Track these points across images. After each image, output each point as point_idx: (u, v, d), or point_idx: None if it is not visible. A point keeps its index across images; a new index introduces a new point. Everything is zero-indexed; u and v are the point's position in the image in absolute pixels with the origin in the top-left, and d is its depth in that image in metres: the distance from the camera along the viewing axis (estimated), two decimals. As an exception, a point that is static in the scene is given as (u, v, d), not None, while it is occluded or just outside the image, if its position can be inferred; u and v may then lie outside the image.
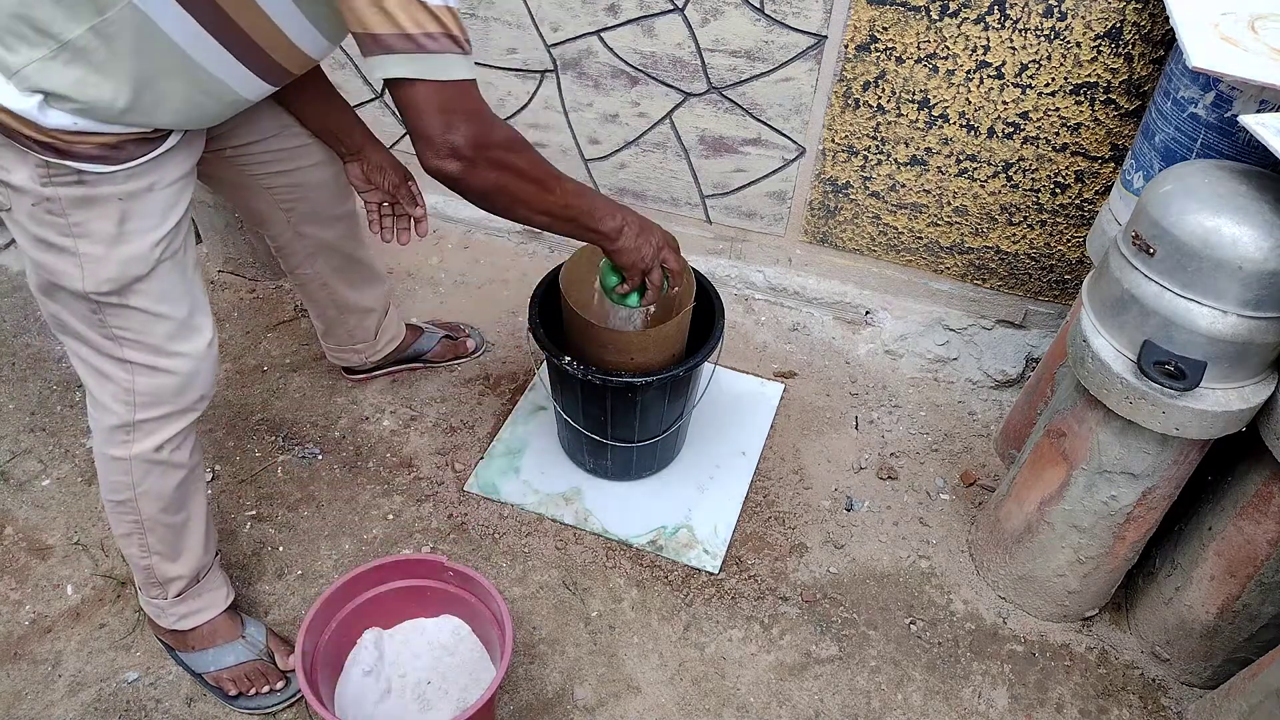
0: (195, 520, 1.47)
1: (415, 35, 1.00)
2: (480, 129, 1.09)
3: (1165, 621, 1.61)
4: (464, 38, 1.04)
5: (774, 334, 2.28)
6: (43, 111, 1.03)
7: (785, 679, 1.62)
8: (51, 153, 1.07)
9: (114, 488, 1.38)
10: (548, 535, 1.82)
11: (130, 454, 1.34)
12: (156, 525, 1.42)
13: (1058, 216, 1.96)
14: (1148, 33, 1.66)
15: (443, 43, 1.02)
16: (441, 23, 1.01)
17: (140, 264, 1.19)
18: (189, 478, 1.42)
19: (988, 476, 1.96)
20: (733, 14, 1.90)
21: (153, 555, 1.45)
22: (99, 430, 1.35)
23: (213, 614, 1.54)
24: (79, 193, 1.12)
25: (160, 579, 1.48)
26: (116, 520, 1.43)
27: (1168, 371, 1.26)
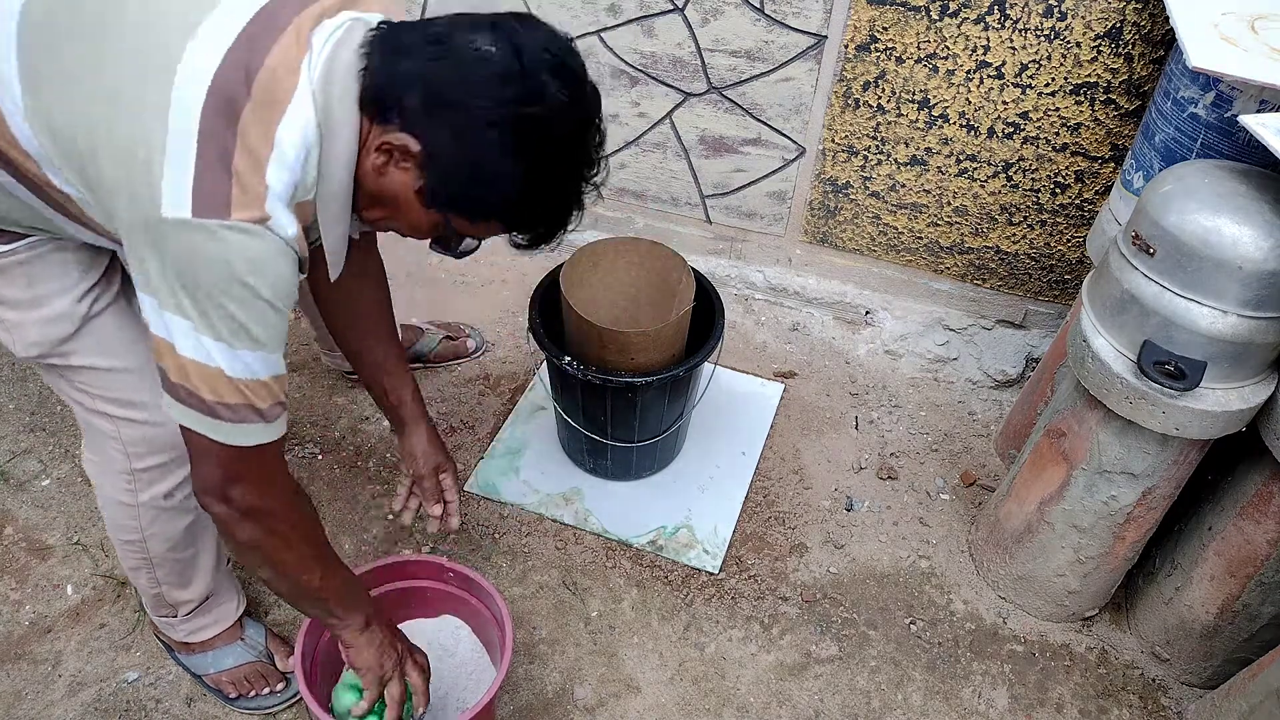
0: (205, 551, 1.44)
1: (210, 402, 0.96)
2: (260, 495, 1.07)
3: (1165, 621, 1.61)
4: (270, 405, 1.00)
5: (774, 334, 2.28)
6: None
7: (785, 679, 1.62)
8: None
9: (121, 529, 1.35)
10: (548, 535, 1.82)
11: (137, 501, 1.30)
12: (166, 561, 1.39)
13: (1058, 216, 1.96)
14: (1148, 33, 1.66)
15: (241, 413, 0.98)
16: (244, 395, 0.97)
17: (64, 323, 1.15)
18: (199, 518, 1.37)
19: (988, 476, 1.96)
20: (733, 14, 1.90)
21: (162, 586, 1.43)
22: (100, 473, 1.31)
23: (223, 627, 1.53)
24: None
25: (170, 603, 1.47)
26: (124, 554, 1.40)
27: (1168, 371, 1.26)
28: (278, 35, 0.92)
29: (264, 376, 0.98)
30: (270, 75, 0.91)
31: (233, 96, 0.89)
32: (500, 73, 0.92)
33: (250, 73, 0.90)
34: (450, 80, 0.92)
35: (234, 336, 0.94)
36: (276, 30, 0.92)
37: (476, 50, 0.93)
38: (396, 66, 0.93)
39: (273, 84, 0.91)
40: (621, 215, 2.37)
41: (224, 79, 0.89)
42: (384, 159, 0.97)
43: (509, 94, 0.92)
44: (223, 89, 0.89)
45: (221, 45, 0.90)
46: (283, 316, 0.98)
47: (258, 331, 0.95)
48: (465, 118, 0.93)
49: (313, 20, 0.95)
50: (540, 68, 0.93)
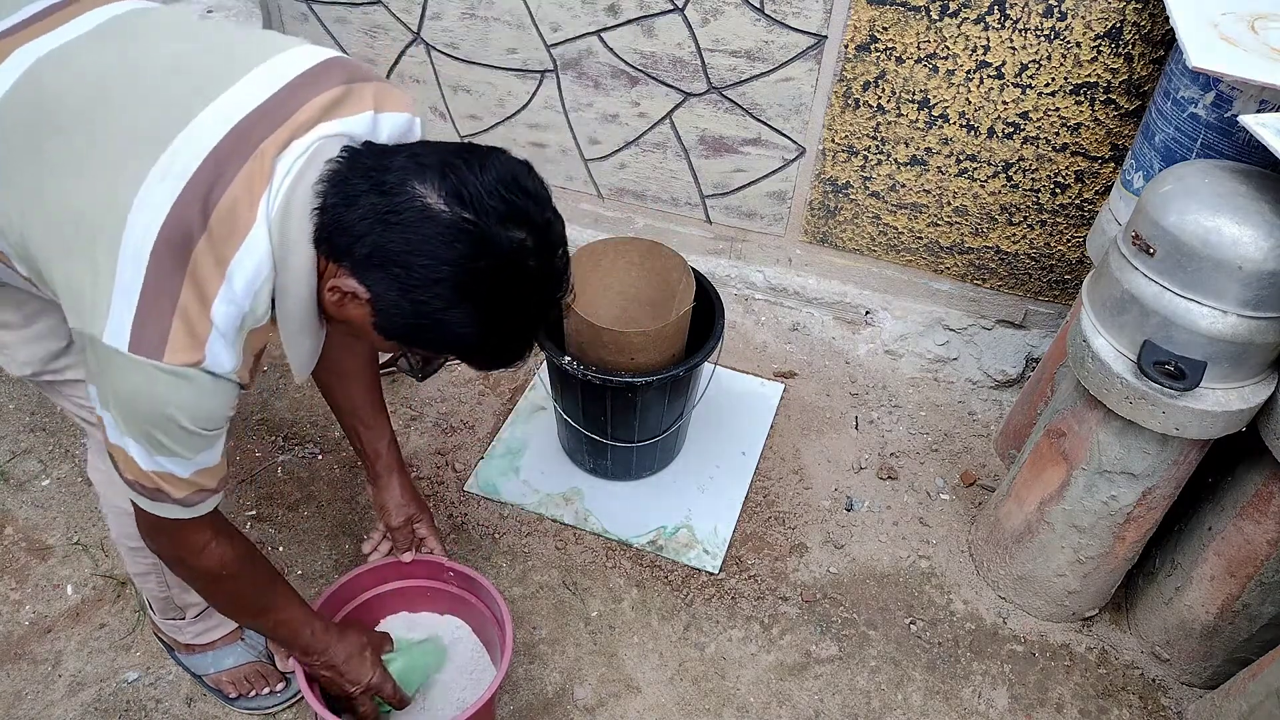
0: None
1: (129, 479, 1.01)
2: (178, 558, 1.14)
3: (1165, 621, 1.61)
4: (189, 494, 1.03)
5: (774, 334, 2.28)
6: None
7: (785, 679, 1.62)
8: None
9: (129, 536, 1.35)
10: (548, 535, 1.82)
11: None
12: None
13: (1058, 216, 1.96)
14: (1148, 33, 1.66)
15: (153, 494, 1.02)
16: (157, 483, 1.00)
17: (53, 339, 1.17)
18: None
19: (988, 476, 1.96)
20: (733, 14, 1.90)
21: (171, 589, 1.45)
22: (107, 484, 1.32)
23: (229, 629, 1.54)
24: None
25: (179, 605, 1.48)
26: (132, 561, 1.42)
27: (1168, 371, 1.26)
28: (243, 161, 0.92)
29: (183, 475, 1.01)
30: (230, 206, 0.91)
31: (187, 231, 0.89)
32: (444, 231, 0.90)
33: (209, 205, 0.90)
34: (393, 239, 0.91)
35: (154, 448, 0.97)
36: (244, 155, 0.92)
37: (421, 206, 0.90)
38: (345, 215, 0.92)
39: (232, 216, 0.91)
40: (621, 215, 2.37)
41: (180, 214, 0.89)
42: (338, 296, 0.96)
43: (453, 254, 0.90)
44: (178, 223, 0.89)
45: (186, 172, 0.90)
46: (209, 435, 1.00)
47: (178, 449, 0.98)
48: (409, 275, 0.91)
49: (279, 146, 0.93)
50: (490, 219, 0.91)
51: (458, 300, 0.92)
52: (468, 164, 0.93)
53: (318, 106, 0.97)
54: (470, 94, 2.26)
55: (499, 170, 0.93)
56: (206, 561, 1.14)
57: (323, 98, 0.98)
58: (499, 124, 2.29)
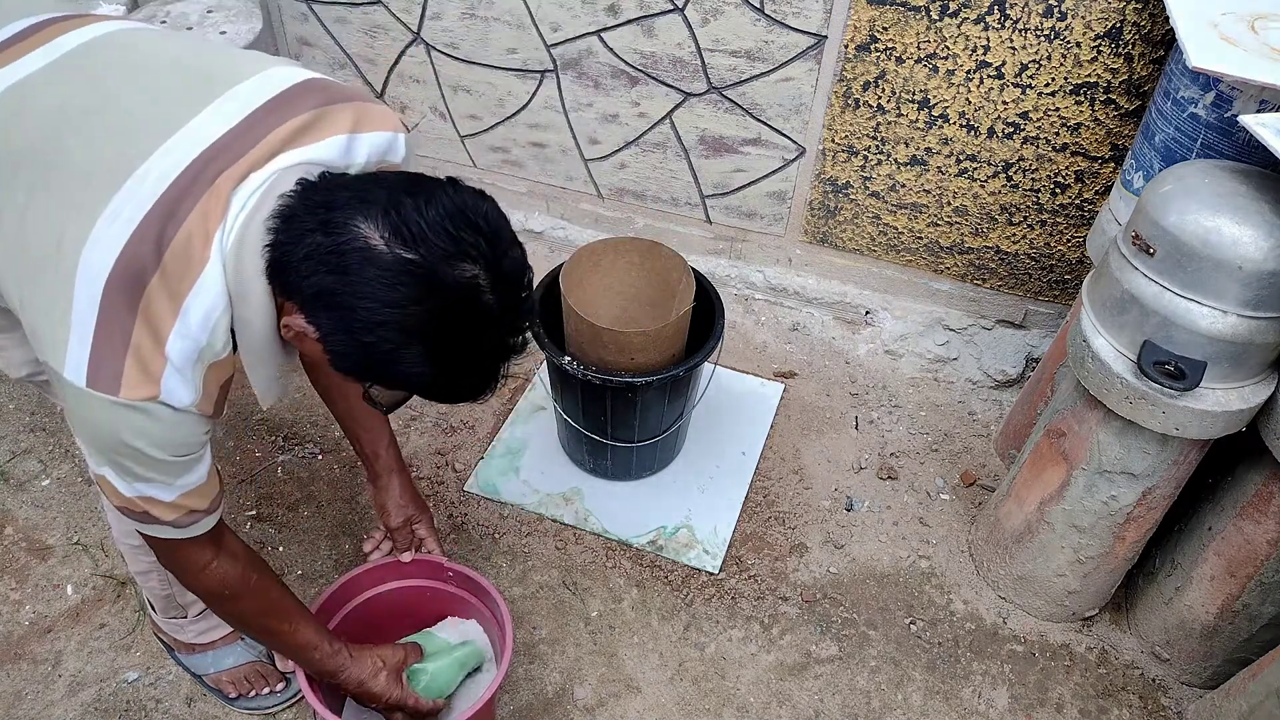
0: None
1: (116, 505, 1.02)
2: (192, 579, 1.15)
3: (1165, 621, 1.61)
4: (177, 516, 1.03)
5: (774, 334, 2.28)
6: None
7: (785, 679, 1.62)
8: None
9: (129, 535, 1.37)
10: (548, 535, 1.82)
11: None
12: None
13: (1058, 216, 1.96)
14: (1148, 33, 1.66)
15: (142, 517, 1.03)
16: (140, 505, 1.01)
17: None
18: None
19: (988, 476, 1.96)
20: (733, 14, 1.90)
21: (173, 587, 1.45)
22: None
23: (230, 629, 1.54)
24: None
25: (181, 603, 1.48)
26: (133, 560, 1.43)
27: (1168, 371, 1.26)
28: (199, 197, 0.91)
29: (167, 499, 1.01)
30: (185, 242, 0.90)
31: (140, 268, 0.89)
32: (386, 274, 0.88)
33: (163, 241, 0.90)
34: (336, 281, 0.89)
35: (129, 476, 0.98)
36: (200, 190, 0.91)
37: (363, 246, 0.88)
38: (292, 253, 0.91)
39: (186, 253, 0.90)
40: (621, 215, 2.37)
41: (133, 251, 0.89)
42: (291, 333, 0.96)
43: (396, 295, 0.88)
44: (130, 261, 0.89)
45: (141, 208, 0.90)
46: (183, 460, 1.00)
47: (154, 475, 0.99)
48: (354, 317, 0.90)
49: (236, 179, 0.92)
50: (434, 257, 0.89)
51: (405, 341, 0.90)
52: (414, 199, 0.90)
53: (283, 134, 0.96)
54: (470, 94, 2.26)
55: (446, 205, 0.90)
56: (207, 581, 1.15)
57: (290, 124, 0.97)
58: (499, 124, 2.29)
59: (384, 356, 0.92)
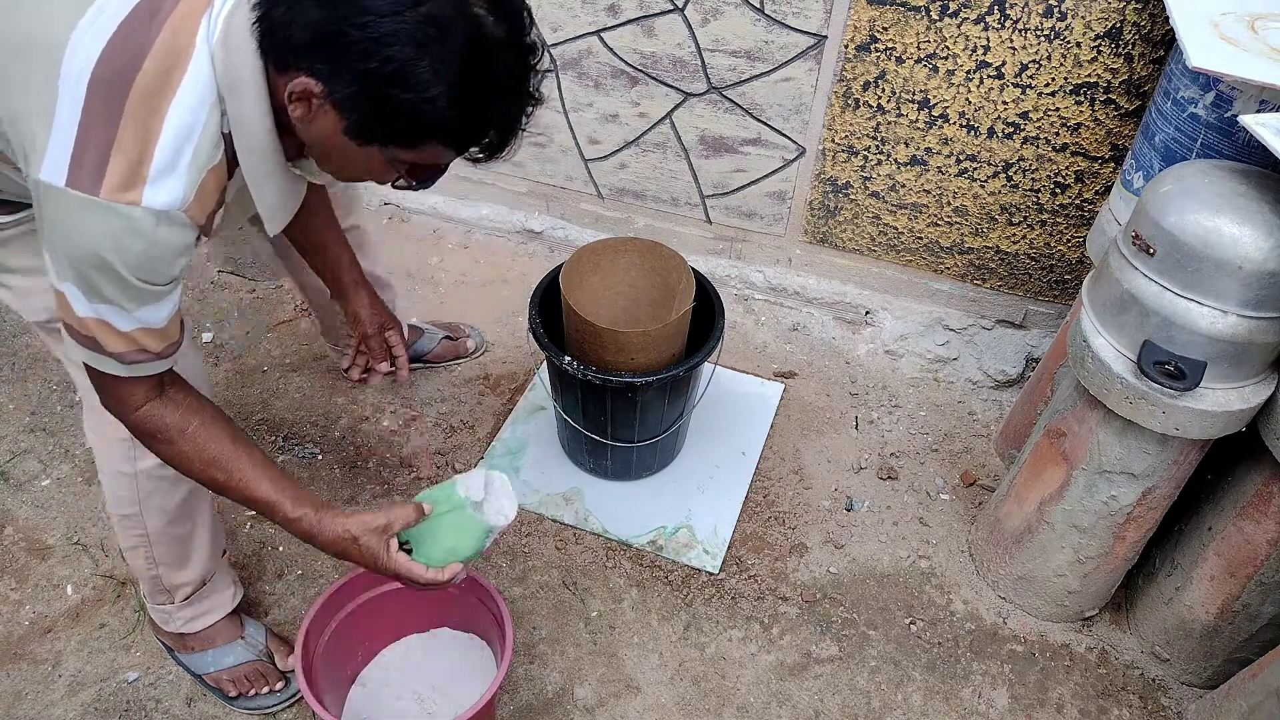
0: (200, 529, 1.45)
1: (66, 323, 1.00)
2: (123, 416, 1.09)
3: (1165, 621, 1.61)
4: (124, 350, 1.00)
5: (774, 334, 2.28)
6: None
7: (785, 679, 1.62)
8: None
9: (119, 502, 1.37)
10: (548, 535, 1.82)
11: (135, 469, 1.32)
12: (162, 537, 1.40)
13: (1058, 216, 1.96)
14: (1148, 33, 1.66)
15: (89, 343, 1.00)
16: (90, 329, 0.98)
17: None
18: (194, 491, 1.40)
19: (988, 476, 1.96)
20: (733, 14, 1.90)
21: (159, 566, 1.44)
22: (102, 443, 1.33)
23: (218, 616, 1.54)
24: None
25: (167, 586, 1.47)
26: (123, 533, 1.41)
27: (1168, 371, 1.26)
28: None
29: (121, 328, 0.99)
30: (169, 37, 0.89)
31: (124, 66, 0.88)
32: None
33: (149, 36, 0.89)
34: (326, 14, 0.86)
35: (91, 293, 0.95)
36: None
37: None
38: (281, 13, 0.88)
39: (172, 47, 0.89)
40: (621, 215, 2.37)
41: (118, 45, 0.88)
42: (302, 108, 0.92)
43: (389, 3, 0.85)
44: (115, 55, 0.88)
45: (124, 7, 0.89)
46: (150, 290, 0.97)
47: (116, 297, 0.96)
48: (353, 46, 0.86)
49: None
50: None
51: (413, 55, 0.86)
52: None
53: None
54: (470, 94, 2.26)
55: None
56: (140, 421, 1.10)
57: None
58: (499, 124, 2.29)
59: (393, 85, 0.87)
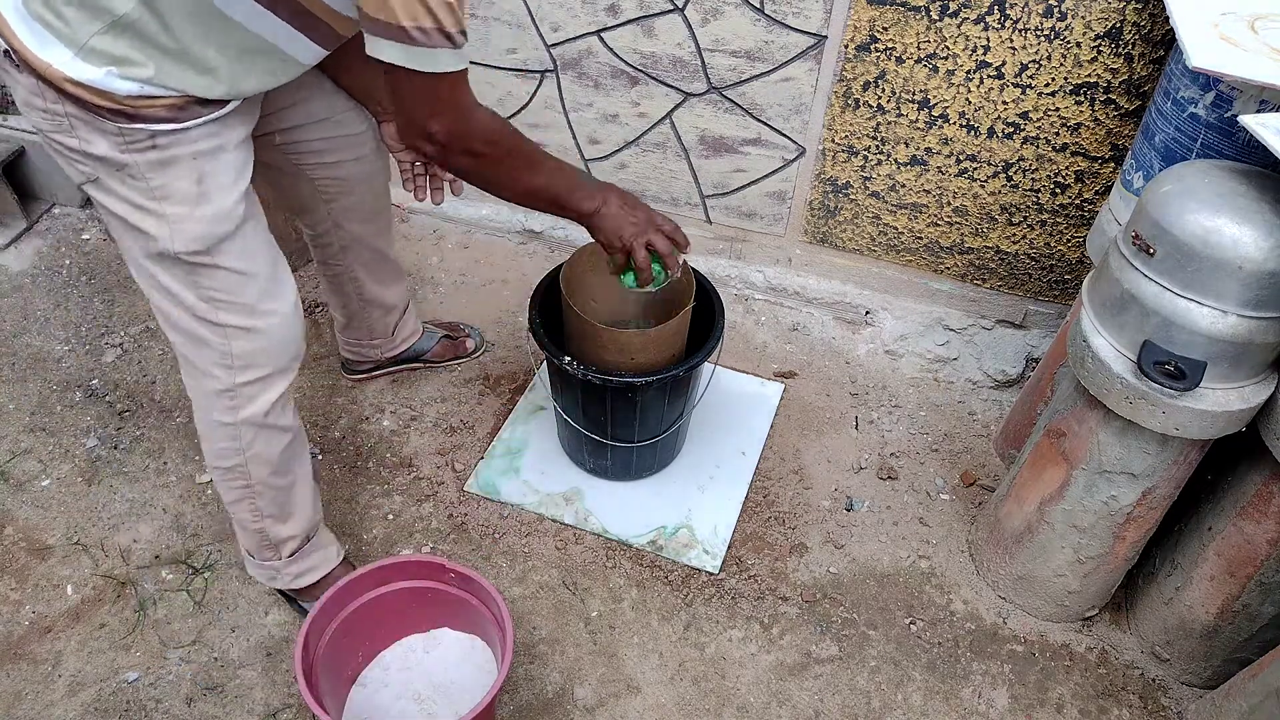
0: (302, 482, 1.51)
1: (408, 28, 1.03)
2: (457, 122, 1.17)
3: (1165, 621, 1.61)
4: (458, 31, 1.06)
5: (774, 334, 2.28)
6: (109, 80, 1.08)
7: (785, 679, 1.62)
8: (123, 119, 1.11)
9: (221, 454, 1.42)
10: (548, 535, 1.82)
11: (237, 419, 1.37)
12: (266, 489, 1.46)
13: (1058, 216, 1.96)
14: (1148, 33, 1.66)
15: (434, 37, 1.04)
16: (436, 18, 1.03)
17: (226, 221, 1.23)
18: (295, 440, 1.46)
19: (988, 476, 1.96)
20: (733, 14, 1.90)
21: (264, 519, 1.50)
22: (202, 396, 1.38)
23: (327, 569, 1.60)
24: (154, 156, 1.16)
25: (274, 541, 1.53)
26: (225, 487, 1.47)
27: (1168, 371, 1.26)
28: None
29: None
30: None
31: None
32: None
33: None
34: None
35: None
36: None
37: None
38: None
39: None
40: (621, 215, 2.36)
41: None
42: None
43: None
44: None
45: None
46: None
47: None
48: None
49: None
50: None
51: None
52: None
53: None
54: (470, 94, 2.26)
55: None
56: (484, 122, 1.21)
57: None
58: (499, 124, 2.29)
59: None
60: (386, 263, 1.86)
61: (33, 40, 1.07)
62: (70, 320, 2.21)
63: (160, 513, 1.83)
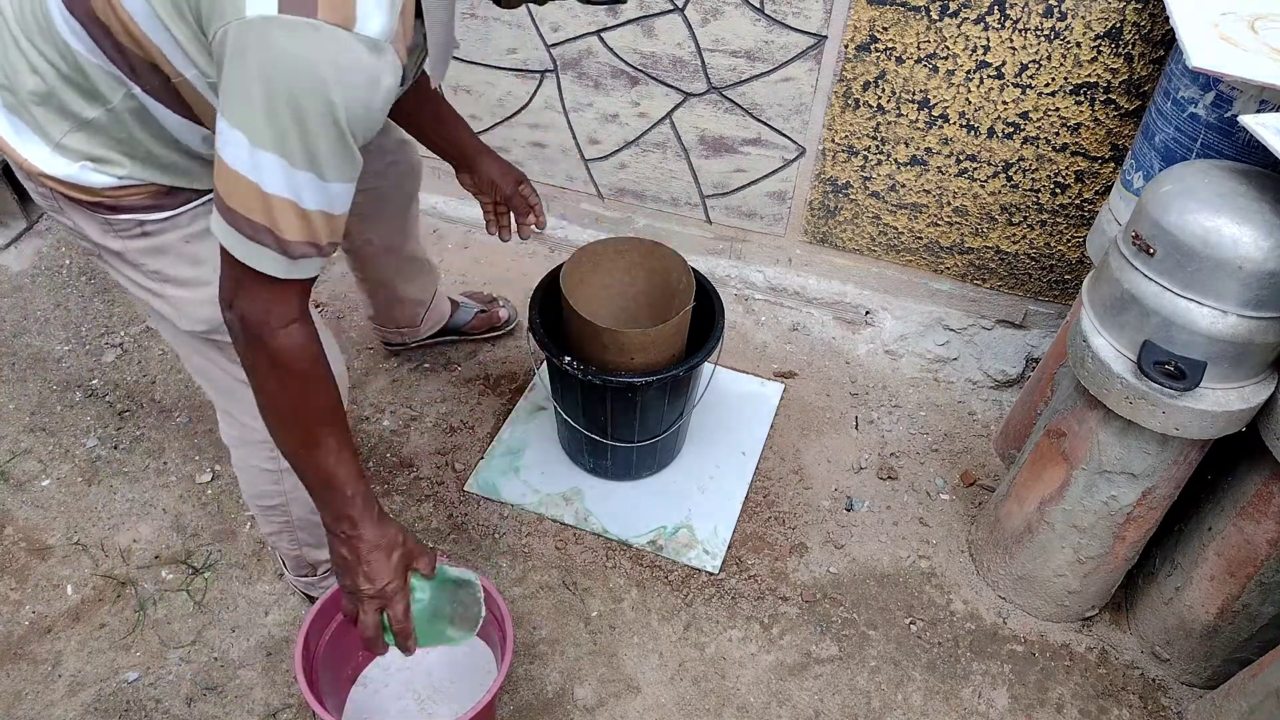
0: None
1: (236, 212, 0.94)
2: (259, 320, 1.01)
3: (1165, 621, 1.61)
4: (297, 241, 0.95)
5: (774, 334, 2.28)
6: (84, 174, 1.07)
7: (785, 679, 1.62)
8: (106, 210, 1.11)
9: (263, 495, 1.44)
10: (548, 535, 1.82)
11: (280, 467, 1.37)
12: (305, 524, 1.49)
13: (1058, 216, 1.96)
14: (1148, 33, 1.66)
15: (258, 233, 0.94)
16: (271, 217, 0.93)
17: None
18: None
19: (988, 476, 1.96)
20: (733, 14, 1.90)
21: (302, 547, 1.53)
22: (241, 445, 1.38)
23: None
24: (145, 244, 1.15)
25: (310, 563, 1.58)
26: (265, 521, 1.50)
27: (1168, 371, 1.26)
28: None
29: (306, 206, 0.94)
30: None
31: None
32: None
33: None
34: None
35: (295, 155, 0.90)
36: None
37: None
38: None
39: None
40: (621, 215, 2.37)
41: None
42: None
43: None
44: None
45: None
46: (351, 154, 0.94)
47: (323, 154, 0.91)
48: None
49: None
50: None
51: None
52: None
53: None
54: (470, 94, 2.26)
55: None
56: (284, 342, 1.02)
57: None
58: (499, 124, 2.29)
59: None
60: (416, 262, 1.90)
61: (11, 132, 1.07)
62: (70, 320, 2.21)
63: (160, 513, 1.83)
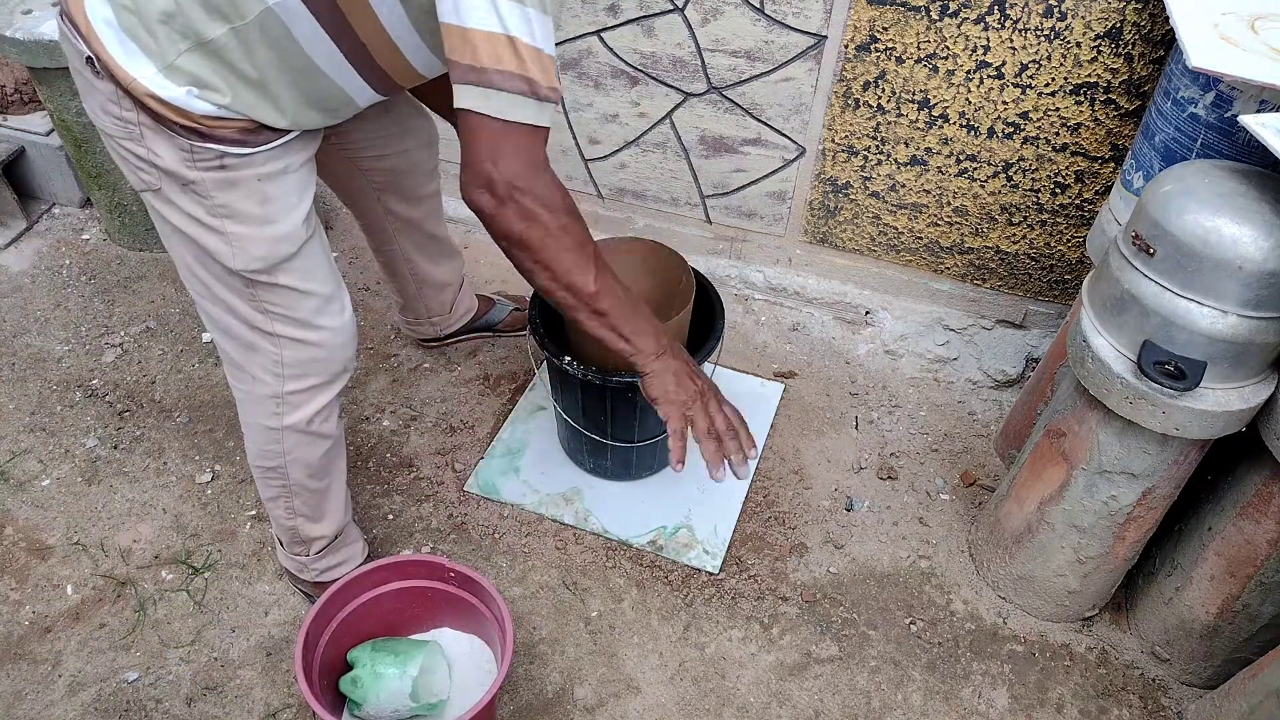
0: (336, 485, 1.55)
1: (489, 69, 0.99)
2: (520, 176, 1.06)
3: (1165, 621, 1.61)
4: (547, 86, 1.02)
5: (774, 334, 2.28)
6: (189, 99, 1.10)
7: (785, 679, 1.62)
8: (195, 136, 1.13)
9: (264, 455, 1.45)
10: (548, 535, 1.82)
11: (282, 424, 1.40)
12: (302, 490, 1.50)
13: (1058, 216, 1.96)
14: (1148, 33, 1.66)
15: (514, 82, 1.00)
16: (523, 63, 0.99)
17: (288, 243, 1.24)
18: (334, 447, 1.49)
19: (988, 476, 1.96)
20: (733, 14, 1.90)
21: (298, 517, 1.53)
22: (248, 399, 1.40)
23: (351, 567, 1.63)
24: (221, 176, 1.17)
25: (304, 538, 1.57)
26: (264, 485, 1.51)
27: (1168, 371, 1.26)
28: None
29: (539, 43, 1.00)
30: None
31: None
32: None
33: None
34: None
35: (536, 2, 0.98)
36: None
37: None
38: None
39: None
40: (621, 215, 2.37)
41: None
42: None
43: None
44: None
45: None
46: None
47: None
48: None
49: None
50: None
51: None
52: None
53: None
54: (470, 94, 2.26)
55: None
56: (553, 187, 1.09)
57: None
58: (499, 124, 2.29)
59: None
60: (437, 242, 1.90)
61: (120, 52, 1.09)
62: (70, 320, 2.21)
63: (160, 513, 1.83)
